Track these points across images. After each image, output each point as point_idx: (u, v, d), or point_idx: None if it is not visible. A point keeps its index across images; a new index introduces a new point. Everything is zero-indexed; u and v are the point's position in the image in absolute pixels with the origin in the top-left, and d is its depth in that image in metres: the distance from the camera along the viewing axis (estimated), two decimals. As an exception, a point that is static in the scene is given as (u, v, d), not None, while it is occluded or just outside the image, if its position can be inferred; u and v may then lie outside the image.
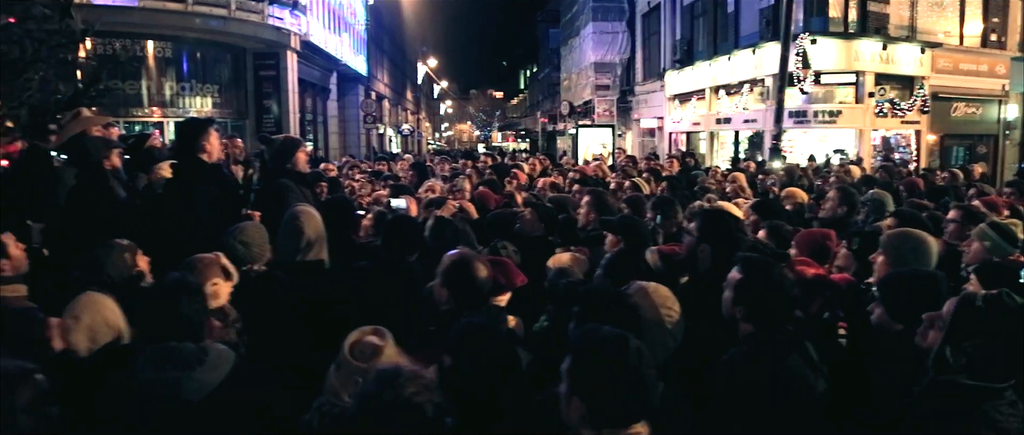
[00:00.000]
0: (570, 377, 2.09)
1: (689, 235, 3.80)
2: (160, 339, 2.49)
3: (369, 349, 2.49)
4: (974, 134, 22.53)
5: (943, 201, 7.62)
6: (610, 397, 2.03)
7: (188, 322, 2.54)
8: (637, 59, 33.55)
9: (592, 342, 2.12)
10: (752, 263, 3.06)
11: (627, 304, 2.77)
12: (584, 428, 2.05)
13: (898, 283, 3.18)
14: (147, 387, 2.40)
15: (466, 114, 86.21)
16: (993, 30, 22.06)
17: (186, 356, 2.45)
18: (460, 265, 3.24)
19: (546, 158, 10.68)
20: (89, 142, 4.68)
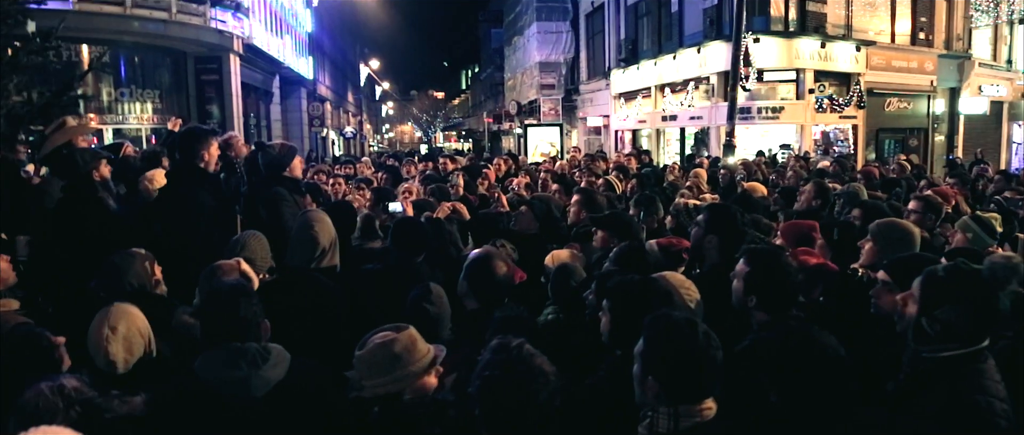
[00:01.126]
0: (644, 359, 2.25)
1: (697, 227, 3.94)
2: (223, 340, 2.54)
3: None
4: (906, 128, 23.54)
5: (895, 192, 8.00)
6: (684, 375, 2.20)
7: (248, 323, 2.62)
8: (581, 58, 33.95)
9: (665, 326, 2.27)
10: (758, 254, 3.21)
11: (661, 289, 2.89)
12: (660, 404, 2.22)
13: (910, 268, 3.33)
14: (216, 386, 2.48)
15: (408, 115, 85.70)
16: (922, 29, 23.10)
17: (252, 355, 2.55)
18: (481, 263, 3.31)
19: (510, 159, 10.80)
20: (77, 153, 4.57)
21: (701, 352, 2.23)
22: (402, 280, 4.09)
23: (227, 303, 2.61)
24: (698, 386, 2.24)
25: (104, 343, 2.85)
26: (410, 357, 2.49)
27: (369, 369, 2.46)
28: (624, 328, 2.83)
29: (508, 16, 43.07)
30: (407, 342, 2.51)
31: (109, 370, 2.84)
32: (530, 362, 2.20)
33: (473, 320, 3.18)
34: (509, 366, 2.20)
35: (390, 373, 2.45)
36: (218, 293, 2.66)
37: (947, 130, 24.49)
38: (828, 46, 20.42)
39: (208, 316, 2.65)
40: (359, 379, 2.46)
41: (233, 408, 2.47)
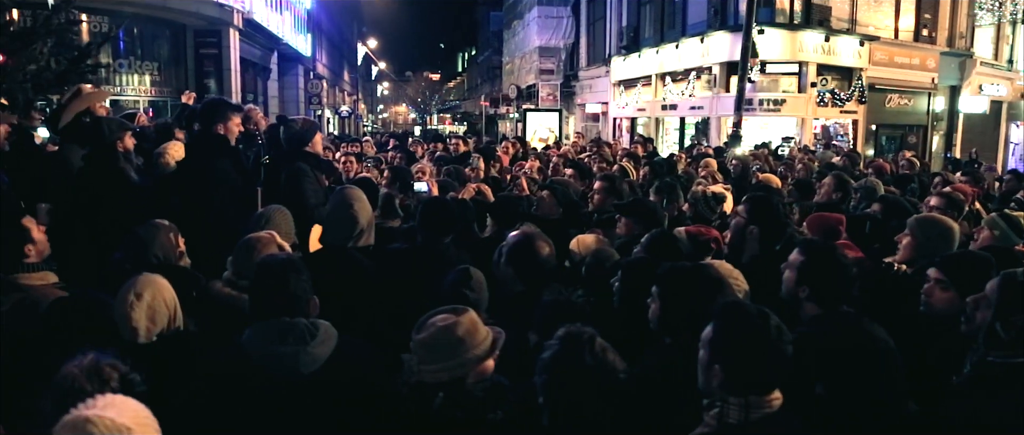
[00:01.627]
0: (713, 347, 2.23)
1: (738, 217, 3.91)
2: (271, 315, 2.50)
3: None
4: (905, 124, 23.57)
5: (910, 188, 8.00)
6: (753, 365, 2.19)
7: (297, 299, 2.57)
8: (581, 44, 33.79)
9: (738, 316, 2.25)
10: (814, 246, 3.18)
11: (713, 278, 2.85)
12: (725, 393, 2.20)
13: (965, 266, 3.31)
14: (264, 361, 2.43)
15: (402, 96, 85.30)
16: (925, 25, 23.08)
17: (300, 331, 2.49)
18: (524, 244, 3.26)
19: (518, 142, 10.73)
20: (103, 122, 4.48)
21: (773, 343, 2.20)
22: (429, 261, 4.05)
23: (277, 277, 2.55)
24: (769, 377, 2.22)
25: (128, 310, 2.79)
26: (472, 341, 2.44)
27: (430, 353, 2.41)
28: (674, 315, 2.82)
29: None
30: (469, 325, 2.46)
31: (130, 338, 2.78)
32: (602, 356, 2.18)
33: (517, 303, 3.14)
34: (580, 358, 2.18)
35: (454, 358, 2.41)
36: (269, 266, 2.60)
37: (946, 128, 24.55)
38: (832, 40, 20.38)
39: (258, 290, 2.59)
40: (418, 363, 2.42)
41: (279, 384, 2.41)
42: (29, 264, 3.42)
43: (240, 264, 3.20)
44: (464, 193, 5.08)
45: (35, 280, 3.42)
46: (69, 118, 4.79)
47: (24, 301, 3.32)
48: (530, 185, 6.32)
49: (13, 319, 3.26)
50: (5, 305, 3.30)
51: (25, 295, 3.34)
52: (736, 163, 8.94)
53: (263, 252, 3.20)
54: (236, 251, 3.26)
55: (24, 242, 3.41)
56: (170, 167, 4.86)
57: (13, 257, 3.39)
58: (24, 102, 4.89)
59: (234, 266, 3.23)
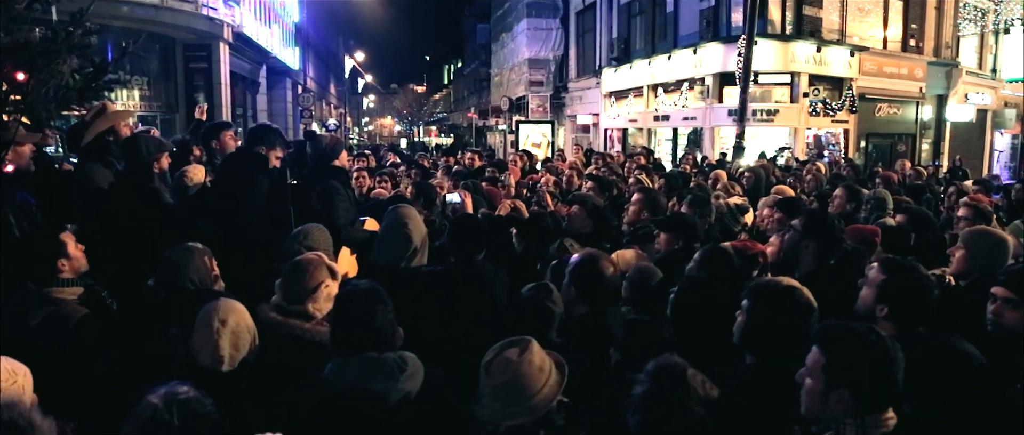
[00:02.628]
0: (831, 372, 2.18)
1: (792, 232, 3.86)
2: (357, 351, 2.39)
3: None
4: (895, 133, 23.78)
5: (926, 197, 8.01)
6: (876, 385, 2.16)
7: (383, 332, 2.48)
8: (571, 56, 33.88)
9: (852, 336, 2.21)
10: (896, 264, 3.12)
11: (804, 298, 2.79)
12: (847, 416, 2.16)
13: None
14: (351, 397, 2.33)
15: (388, 108, 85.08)
16: (912, 36, 23.34)
17: (389, 367, 2.42)
18: (589, 264, 3.18)
19: (525, 156, 10.65)
20: (141, 141, 4.36)
21: (892, 361, 2.17)
22: (463, 281, 3.96)
23: (363, 310, 2.46)
24: (887, 396, 2.18)
25: (215, 337, 2.68)
26: (543, 376, 2.36)
27: (511, 395, 2.34)
28: (760, 332, 2.76)
29: (496, 11, 42.88)
30: (539, 359, 2.37)
31: (214, 367, 2.67)
32: (697, 388, 2.13)
33: (581, 325, 3.06)
34: (674, 394, 2.14)
35: (532, 397, 2.34)
36: (352, 299, 2.49)
37: (934, 136, 24.79)
38: (823, 50, 20.55)
39: (342, 323, 2.49)
40: (502, 408, 2.33)
41: (368, 421, 2.32)
42: (63, 279, 3.33)
43: (290, 288, 3.09)
44: (500, 209, 5.00)
45: (68, 294, 3.34)
46: (91, 137, 4.67)
47: (55, 314, 3.25)
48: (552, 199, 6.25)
49: (43, 333, 3.19)
50: (36, 318, 3.22)
51: (57, 309, 3.27)
52: (749, 175, 8.92)
53: (314, 276, 3.08)
54: (285, 275, 3.14)
55: (58, 256, 3.33)
56: (190, 189, 4.76)
57: (46, 270, 3.31)
58: (42, 120, 4.75)
59: (283, 290, 3.11)
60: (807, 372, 2.26)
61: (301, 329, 2.94)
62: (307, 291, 3.05)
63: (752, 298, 2.82)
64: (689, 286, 3.29)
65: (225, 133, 5.40)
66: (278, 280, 3.18)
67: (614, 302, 3.25)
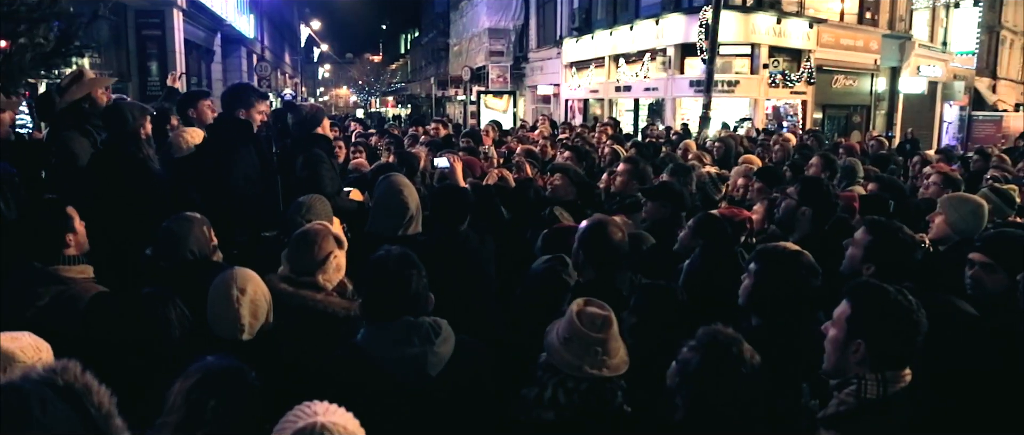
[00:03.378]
0: (853, 325, 2.26)
1: (789, 199, 3.95)
2: (393, 316, 2.39)
3: (599, 319, 2.46)
4: (850, 104, 24.31)
5: (891, 169, 8.23)
6: (896, 341, 2.24)
7: (419, 296, 2.47)
8: (531, 26, 33.67)
9: (880, 293, 2.29)
10: (881, 225, 3.24)
11: (809, 262, 2.87)
12: (864, 369, 2.25)
13: (1008, 244, 3.41)
14: (388, 363, 2.34)
15: (343, 78, 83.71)
16: (868, 8, 23.78)
17: (425, 330, 2.41)
18: (597, 230, 3.22)
19: (497, 127, 10.60)
20: (125, 108, 4.21)
21: (915, 319, 2.25)
22: (447, 251, 3.96)
23: (398, 275, 2.44)
24: (908, 352, 2.27)
25: (235, 306, 2.63)
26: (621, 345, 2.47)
27: (604, 348, 2.41)
28: (767, 294, 2.85)
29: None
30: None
31: (234, 337, 2.63)
32: (750, 361, 2.22)
33: (591, 290, 3.09)
34: (729, 366, 2.22)
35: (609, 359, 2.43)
36: (386, 264, 2.46)
37: (887, 108, 25.40)
38: (783, 22, 20.81)
39: (376, 288, 2.46)
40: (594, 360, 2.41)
41: (407, 386, 2.32)
42: (69, 256, 3.20)
43: (298, 259, 3.05)
44: (489, 178, 4.99)
45: (75, 273, 3.19)
46: (66, 103, 4.51)
47: (64, 295, 3.11)
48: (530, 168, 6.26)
49: (52, 314, 3.06)
50: (44, 299, 3.09)
51: (66, 288, 3.13)
52: (719, 145, 9.05)
53: (323, 246, 3.05)
54: (292, 246, 3.10)
55: (66, 231, 3.18)
56: (182, 151, 4.63)
57: (53, 247, 3.15)
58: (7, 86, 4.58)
59: (290, 261, 3.08)
60: (832, 322, 2.36)
61: (314, 300, 2.92)
62: (316, 262, 3.02)
63: (759, 262, 2.90)
64: (706, 250, 3.38)
65: (202, 102, 5.26)
66: (284, 251, 3.14)
67: (623, 267, 3.29)
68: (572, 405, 2.40)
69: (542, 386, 2.46)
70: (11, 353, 2.16)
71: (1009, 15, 34.46)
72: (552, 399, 2.42)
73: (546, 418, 2.41)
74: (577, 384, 2.42)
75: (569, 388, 2.42)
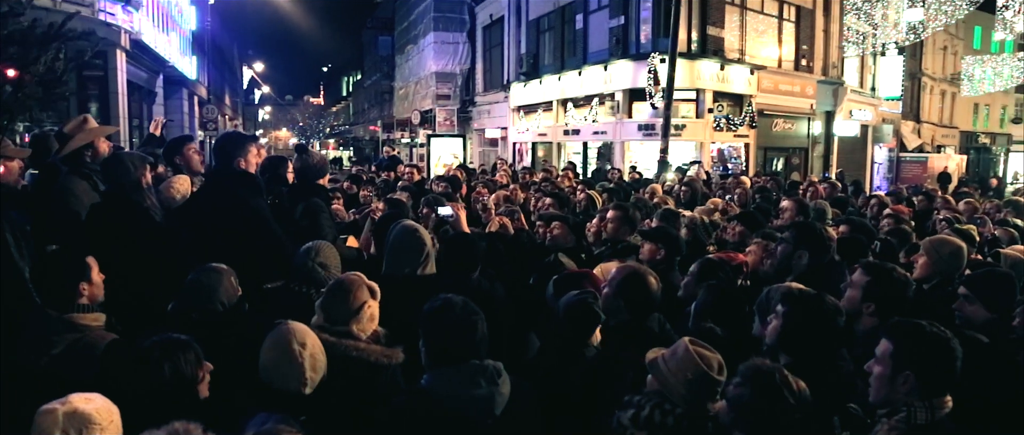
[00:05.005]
0: (898, 358, 2.47)
1: (784, 243, 4.13)
2: (460, 359, 2.49)
3: (718, 363, 2.65)
4: (790, 147, 25.28)
5: (850, 211, 8.65)
6: (938, 371, 2.46)
7: (483, 341, 2.57)
8: (478, 70, 34.11)
9: (920, 329, 2.51)
10: (877, 266, 3.47)
11: (833, 303, 3.05)
12: (912, 398, 2.45)
13: (992, 282, 3.71)
14: (457, 404, 2.42)
15: (282, 120, 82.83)
16: (804, 56, 24.92)
17: (491, 372, 2.51)
18: (636, 278, 3.34)
19: (463, 171, 10.67)
20: (126, 158, 4.15)
21: (952, 351, 2.47)
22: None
23: (465, 320, 2.53)
24: (950, 380, 2.47)
25: (298, 360, 2.62)
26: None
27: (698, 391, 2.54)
28: (797, 333, 3.01)
29: (401, 24, 42.67)
30: None
31: (297, 391, 2.63)
32: (795, 389, 2.35)
33: (625, 331, 3.22)
34: (773, 394, 2.36)
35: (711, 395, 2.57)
36: (453, 309, 2.54)
37: (823, 150, 26.48)
38: (726, 68, 21.63)
39: (444, 333, 2.54)
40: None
41: (477, 426, 2.41)
42: (81, 305, 3.15)
43: (333, 309, 3.06)
44: (491, 226, 5.06)
45: (90, 321, 3.16)
46: (68, 151, 4.42)
47: (80, 343, 3.07)
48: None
49: (68, 363, 3.02)
50: (59, 346, 3.04)
51: (81, 336, 3.09)
52: (685, 189, 9.33)
53: (358, 296, 3.07)
54: (327, 295, 3.11)
55: (80, 279, 3.15)
56: (176, 201, 4.58)
57: (66, 295, 3.12)
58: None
59: (325, 310, 3.08)
60: (876, 361, 2.55)
61: (357, 349, 2.93)
62: (351, 311, 3.04)
63: (787, 304, 3.05)
64: (711, 293, 3.52)
65: (188, 147, 5.19)
66: (319, 300, 3.15)
67: (654, 311, 3.42)
68: (665, 426, 2.53)
69: (639, 408, 2.59)
70: (87, 415, 2.13)
71: (929, 62, 36.61)
72: (648, 419, 2.54)
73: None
74: (673, 408, 2.56)
75: (666, 410, 2.55)
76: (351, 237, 5.19)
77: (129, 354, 2.79)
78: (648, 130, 21.65)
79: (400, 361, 3.04)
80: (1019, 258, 5.20)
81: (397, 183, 9.18)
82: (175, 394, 2.55)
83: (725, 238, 6.23)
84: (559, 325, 3.25)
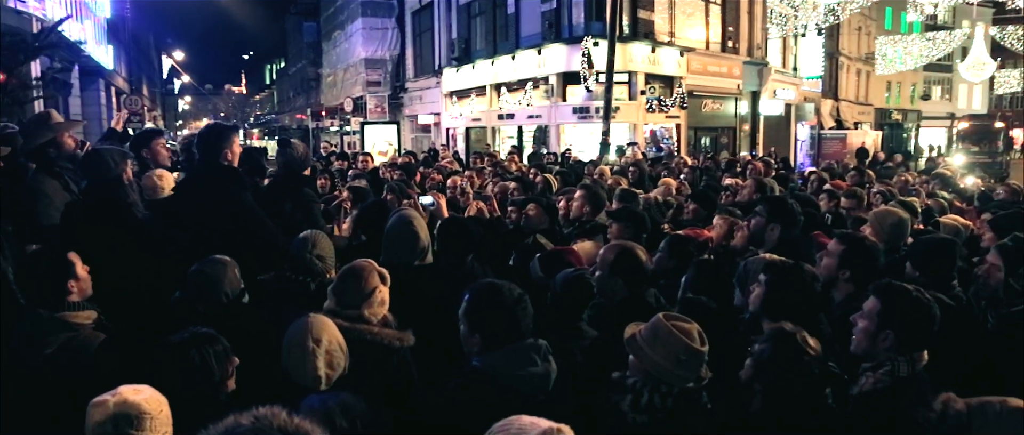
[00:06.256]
0: (883, 317, 2.72)
1: (758, 217, 4.37)
2: (511, 340, 2.61)
3: (698, 333, 2.76)
4: (718, 126, 26.06)
5: (791, 187, 9.08)
6: (922, 329, 2.70)
7: (532, 321, 2.70)
8: (408, 56, 33.81)
9: (901, 290, 2.77)
10: (851, 236, 3.73)
11: (810, 272, 3.29)
12: (893, 353, 2.71)
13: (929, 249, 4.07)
14: (516, 382, 2.54)
15: (203, 111, 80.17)
16: (730, 37, 25.67)
17: (544, 350, 2.62)
18: (627, 254, 3.49)
19: (412, 158, 10.69)
20: (106, 154, 4.03)
21: (932, 314, 2.72)
22: (454, 282, 4.12)
23: (519, 301, 2.66)
24: (929, 338, 2.74)
25: (311, 358, 2.66)
26: None
27: (690, 365, 2.66)
28: (780, 300, 3.20)
29: (327, 10, 41.88)
30: None
31: (314, 387, 2.68)
32: (814, 348, 2.57)
33: (626, 308, 3.37)
34: (797, 355, 2.58)
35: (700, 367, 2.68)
36: (502, 292, 2.65)
37: (750, 129, 27.39)
38: (657, 51, 22.10)
39: (499, 316, 2.63)
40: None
41: (532, 402, 2.47)
42: (72, 302, 3.11)
43: (346, 294, 3.11)
44: (469, 210, 5.14)
45: (82, 319, 3.12)
46: (31, 147, 4.28)
47: (73, 342, 3.04)
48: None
49: (62, 362, 2.99)
50: (52, 346, 3.00)
51: (74, 335, 3.06)
52: (634, 170, 9.60)
53: (369, 281, 3.13)
54: (339, 281, 3.16)
55: (67, 277, 3.11)
56: (157, 195, 4.51)
57: (56, 293, 3.08)
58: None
59: (338, 296, 3.12)
60: (862, 315, 2.80)
61: (371, 333, 2.99)
62: (363, 296, 3.09)
63: (769, 273, 3.26)
64: (699, 268, 3.75)
65: (156, 141, 5.10)
66: (330, 286, 3.20)
67: (649, 285, 3.60)
68: (666, 408, 2.65)
69: (636, 393, 2.70)
70: (138, 405, 2.15)
71: (845, 43, 38.20)
72: (648, 404, 2.65)
73: (640, 421, 2.65)
74: (670, 389, 2.67)
75: (664, 393, 2.67)
76: (335, 225, 5.22)
77: (159, 349, 2.77)
78: (583, 113, 21.98)
79: (411, 344, 3.12)
80: (956, 225, 5.60)
81: (348, 171, 9.14)
82: (206, 388, 2.58)
83: (681, 217, 6.48)
84: (555, 300, 3.37)
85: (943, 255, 4.06)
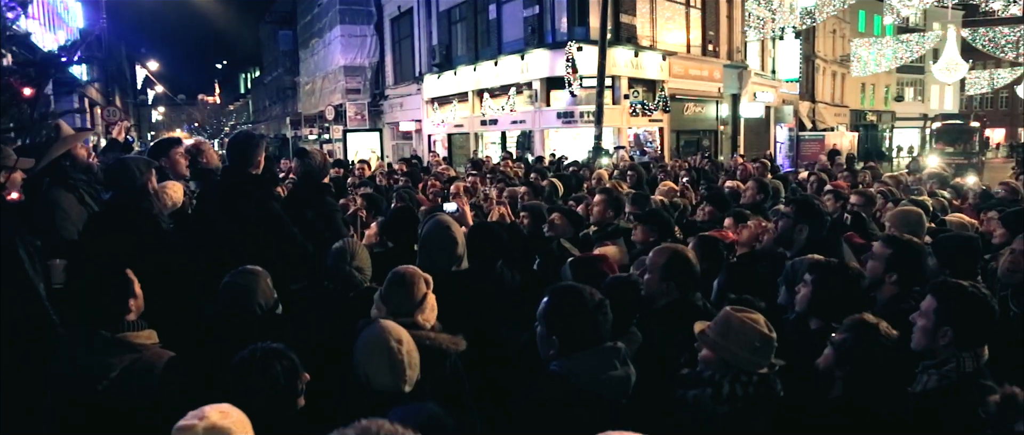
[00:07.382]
0: (941, 314, 2.75)
1: (785, 218, 4.38)
2: (591, 343, 2.59)
3: (767, 323, 2.80)
4: (700, 129, 26.26)
5: (791, 188, 9.15)
6: (977, 324, 2.74)
7: (610, 325, 2.68)
8: (387, 63, 33.64)
9: (961, 288, 2.79)
10: (897, 239, 3.73)
11: (856, 271, 3.30)
12: (954, 350, 2.74)
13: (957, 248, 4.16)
14: (596, 386, 2.52)
15: (176, 121, 79.24)
16: (710, 41, 25.91)
17: (623, 354, 2.62)
18: (679, 257, 3.48)
19: (408, 164, 10.61)
20: (131, 163, 3.93)
21: (990, 309, 2.75)
22: (487, 287, 4.08)
23: (599, 306, 2.63)
24: (988, 331, 2.76)
25: (399, 358, 2.62)
26: None
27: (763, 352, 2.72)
28: (826, 299, 3.25)
29: (303, 18, 41.57)
30: None
31: (398, 389, 2.62)
32: (892, 336, 2.62)
33: (675, 309, 3.36)
34: (875, 339, 2.67)
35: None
36: (582, 296, 2.62)
37: (731, 132, 27.62)
38: (639, 55, 22.23)
39: (580, 321, 2.60)
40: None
41: (613, 405, 2.52)
42: (131, 322, 3.02)
43: (397, 301, 3.07)
44: (492, 215, 5.10)
45: (144, 339, 3.01)
46: (46, 161, 4.18)
47: (137, 364, 2.93)
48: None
49: (127, 385, 2.89)
50: (115, 369, 2.90)
51: (138, 356, 2.95)
52: (633, 173, 9.62)
53: (419, 287, 3.09)
54: (388, 288, 3.10)
55: (128, 296, 3.01)
56: (167, 208, 4.41)
57: (116, 313, 2.97)
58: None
59: (389, 303, 3.07)
60: (920, 314, 2.83)
61: (428, 338, 2.95)
62: (415, 302, 3.06)
63: (815, 273, 3.27)
64: (731, 270, 3.74)
65: (174, 150, 4.98)
66: (378, 293, 3.15)
67: (698, 287, 3.59)
68: (747, 396, 2.68)
69: (717, 385, 2.70)
70: (226, 430, 2.08)
71: (821, 45, 38.72)
72: (730, 394, 2.67)
73: (722, 411, 2.66)
74: (750, 378, 2.69)
75: (744, 382, 2.69)
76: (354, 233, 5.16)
77: (230, 368, 2.68)
78: (567, 118, 22.04)
79: (463, 349, 3.08)
80: (964, 223, 5.68)
81: (346, 180, 9.06)
82: (280, 405, 2.51)
83: (688, 219, 6.49)
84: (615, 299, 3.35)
85: (968, 251, 4.14)
